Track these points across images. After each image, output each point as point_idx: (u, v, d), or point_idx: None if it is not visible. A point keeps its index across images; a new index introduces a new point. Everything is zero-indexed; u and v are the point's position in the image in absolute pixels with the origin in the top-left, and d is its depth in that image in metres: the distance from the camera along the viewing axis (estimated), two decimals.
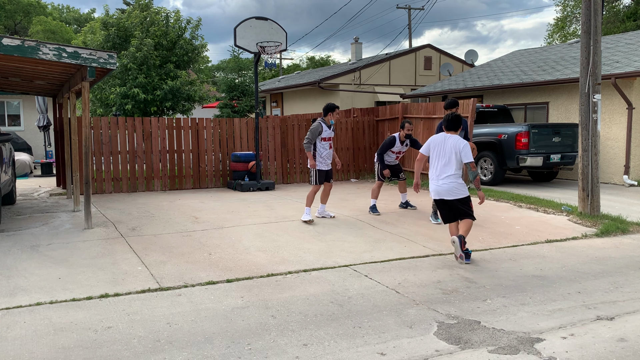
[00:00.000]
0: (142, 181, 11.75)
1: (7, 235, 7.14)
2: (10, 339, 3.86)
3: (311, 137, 8.04)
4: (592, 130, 8.30)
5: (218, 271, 5.56)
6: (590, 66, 8.19)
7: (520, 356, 3.63)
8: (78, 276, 5.36)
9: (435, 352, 3.68)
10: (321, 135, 8.06)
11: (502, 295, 4.86)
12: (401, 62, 23.41)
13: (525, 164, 11.67)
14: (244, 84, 20.11)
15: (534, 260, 6.06)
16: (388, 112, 14.32)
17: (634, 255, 6.29)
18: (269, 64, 11.54)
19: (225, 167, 12.54)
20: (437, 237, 7.10)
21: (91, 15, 53.86)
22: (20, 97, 19.63)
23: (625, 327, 4.12)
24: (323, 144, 8.10)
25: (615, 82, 12.01)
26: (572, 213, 8.55)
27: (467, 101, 11.80)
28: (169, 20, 17.05)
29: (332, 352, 3.68)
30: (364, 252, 6.36)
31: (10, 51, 6.76)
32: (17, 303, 4.60)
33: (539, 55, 17.72)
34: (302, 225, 7.81)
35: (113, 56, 7.40)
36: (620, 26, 30.34)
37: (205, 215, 8.64)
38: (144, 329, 4.05)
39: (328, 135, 8.11)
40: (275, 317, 4.31)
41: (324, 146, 8.11)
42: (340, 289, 5.00)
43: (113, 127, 11.54)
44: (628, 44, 14.93)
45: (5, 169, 8.44)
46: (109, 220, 8.20)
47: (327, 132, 8.09)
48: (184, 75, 16.72)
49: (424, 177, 11.09)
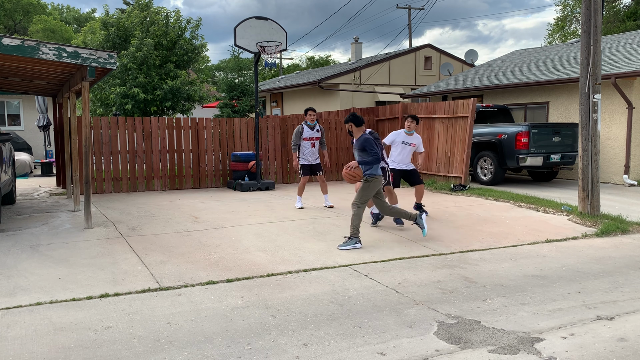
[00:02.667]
0: (142, 181, 11.75)
1: (7, 235, 7.14)
2: (10, 339, 3.86)
3: (295, 139, 9.39)
4: (592, 130, 8.30)
5: (218, 271, 5.56)
6: (590, 66, 8.19)
7: (520, 356, 3.63)
8: (78, 276, 5.36)
9: (435, 352, 3.68)
10: (302, 135, 9.35)
11: (502, 295, 4.86)
12: (401, 62, 23.41)
13: (525, 163, 11.67)
14: (244, 83, 20.10)
15: (534, 260, 6.06)
16: (388, 112, 14.32)
17: (634, 255, 6.29)
18: (269, 63, 11.54)
19: (225, 166, 12.54)
20: (437, 237, 7.10)
21: (91, 15, 53.86)
22: (20, 97, 19.63)
23: (625, 327, 4.12)
24: (305, 143, 9.40)
25: (615, 81, 12.00)
26: (572, 213, 8.55)
27: (467, 101, 11.81)
28: (169, 20, 17.04)
29: (332, 351, 3.68)
30: (364, 251, 6.36)
31: (10, 51, 6.75)
32: (17, 303, 4.60)
33: (539, 55, 17.72)
34: (302, 225, 7.81)
35: (113, 56, 7.40)
36: (620, 26, 30.34)
37: (205, 215, 8.64)
38: (144, 329, 4.05)
39: (309, 136, 9.37)
40: (275, 316, 4.31)
41: (306, 145, 9.40)
42: (340, 289, 5.00)
43: (113, 126, 11.54)
44: (628, 43, 14.93)
45: (5, 168, 8.44)
46: (109, 220, 8.20)
47: (307, 132, 9.34)
48: (184, 75, 16.72)
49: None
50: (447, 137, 12.20)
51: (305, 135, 9.35)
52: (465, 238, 7.06)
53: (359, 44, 28.28)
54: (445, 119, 12.29)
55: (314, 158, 9.46)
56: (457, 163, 11.89)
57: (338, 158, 13.92)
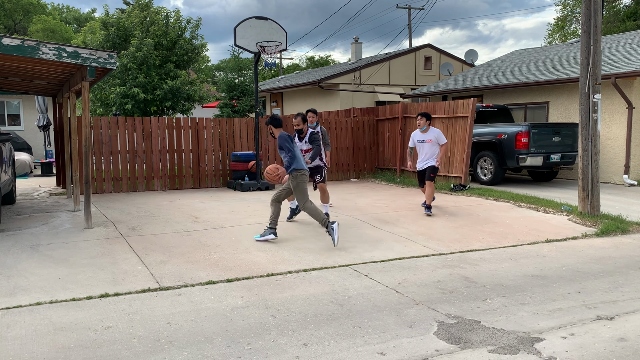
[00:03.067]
0: (142, 181, 11.75)
1: (7, 235, 7.14)
2: (10, 339, 3.86)
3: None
4: (592, 130, 8.30)
5: (218, 271, 5.56)
6: (590, 66, 8.19)
7: (520, 356, 3.63)
8: (78, 276, 5.36)
9: (435, 352, 3.68)
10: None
11: (502, 295, 4.86)
12: (401, 61, 23.41)
13: (525, 163, 11.67)
14: (244, 83, 20.09)
15: (534, 259, 6.06)
16: (388, 112, 14.32)
17: (633, 255, 6.29)
18: (268, 63, 11.55)
19: (225, 166, 12.54)
20: (437, 237, 7.10)
21: (91, 15, 53.88)
22: (20, 97, 19.63)
23: (625, 327, 4.12)
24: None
25: (615, 81, 12.00)
26: (572, 213, 8.55)
27: (467, 101, 11.81)
28: (169, 20, 17.05)
29: (332, 351, 3.68)
30: (364, 251, 6.36)
31: (10, 51, 6.75)
32: (17, 303, 4.60)
33: (539, 55, 17.72)
34: (302, 225, 7.81)
35: (113, 56, 7.40)
36: (620, 26, 30.33)
37: (205, 214, 8.64)
38: (144, 329, 4.05)
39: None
40: (275, 316, 4.31)
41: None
42: (340, 289, 5.00)
43: (113, 126, 11.53)
44: (628, 43, 14.93)
45: (5, 168, 8.44)
46: (109, 220, 8.20)
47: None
48: (184, 75, 16.72)
49: None
50: (447, 137, 12.18)
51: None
52: (465, 238, 7.06)
53: (358, 44, 28.27)
54: (445, 119, 12.29)
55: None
56: (457, 163, 11.89)
57: (338, 158, 13.92)
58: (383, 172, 14.25)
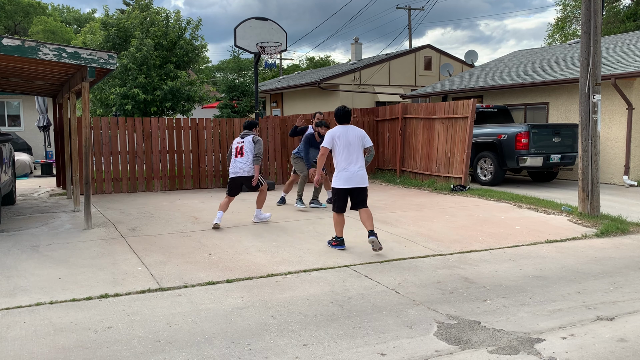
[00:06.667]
0: (142, 181, 11.76)
1: (7, 236, 7.14)
2: (10, 339, 3.86)
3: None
4: (592, 131, 8.30)
5: (218, 271, 5.56)
6: (590, 66, 8.19)
7: (520, 356, 3.62)
8: (78, 276, 5.36)
9: (435, 353, 3.68)
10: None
11: (502, 295, 4.86)
12: (401, 62, 23.41)
13: (525, 164, 11.67)
14: (244, 84, 20.08)
15: (533, 260, 6.06)
16: (388, 113, 14.32)
17: (633, 256, 6.29)
18: (269, 64, 11.56)
19: (225, 167, 12.54)
20: (437, 238, 7.10)
21: (91, 16, 53.85)
22: (20, 97, 19.64)
23: (625, 328, 4.12)
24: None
25: (615, 82, 12.01)
26: (572, 213, 8.55)
27: (467, 101, 11.80)
28: (169, 21, 17.04)
29: (332, 352, 3.68)
30: (364, 252, 6.36)
31: (10, 51, 6.76)
32: (17, 303, 4.60)
33: (539, 56, 17.72)
34: (302, 225, 7.81)
35: (113, 56, 7.40)
36: (620, 26, 30.33)
37: (205, 215, 8.64)
38: (144, 329, 4.05)
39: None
40: (275, 317, 4.31)
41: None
42: (340, 289, 4.99)
43: (113, 127, 11.54)
44: (628, 44, 14.93)
45: (5, 169, 8.44)
46: (109, 220, 8.20)
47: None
48: (184, 75, 16.71)
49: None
50: (447, 137, 12.19)
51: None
52: (465, 238, 7.06)
53: (359, 44, 28.28)
54: (445, 120, 12.29)
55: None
56: (457, 164, 11.89)
57: None
58: (383, 172, 14.25)
